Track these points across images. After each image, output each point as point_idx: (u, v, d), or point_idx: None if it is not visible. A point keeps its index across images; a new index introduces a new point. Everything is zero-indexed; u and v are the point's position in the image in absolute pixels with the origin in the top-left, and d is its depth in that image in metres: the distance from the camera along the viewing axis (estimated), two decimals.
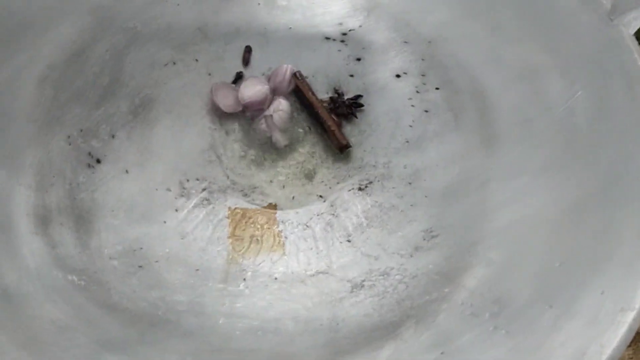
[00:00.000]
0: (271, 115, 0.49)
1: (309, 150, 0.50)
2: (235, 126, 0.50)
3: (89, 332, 0.38)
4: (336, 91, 0.52)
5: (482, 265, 0.42)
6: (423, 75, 0.52)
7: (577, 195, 0.42)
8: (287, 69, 0.50)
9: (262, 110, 0.49)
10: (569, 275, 0.38)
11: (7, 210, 0.42)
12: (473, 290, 0.41)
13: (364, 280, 0.43)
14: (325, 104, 0.51)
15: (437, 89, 0.51)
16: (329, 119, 0.49)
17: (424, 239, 0.45)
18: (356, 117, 0.51)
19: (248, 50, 0.53)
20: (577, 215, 0.41)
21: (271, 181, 0.48)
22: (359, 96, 0.52)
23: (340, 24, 0.55)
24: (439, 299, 0.41)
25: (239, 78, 0.52)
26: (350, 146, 0.49)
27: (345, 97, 0.52)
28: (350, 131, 0.50)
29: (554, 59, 0.48)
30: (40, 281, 0.39)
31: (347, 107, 0.51)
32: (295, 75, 0.51)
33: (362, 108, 0.51)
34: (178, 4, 0.54)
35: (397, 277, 0.43)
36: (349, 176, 0.49)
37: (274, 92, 0.50)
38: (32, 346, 0.36)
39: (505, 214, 0.44)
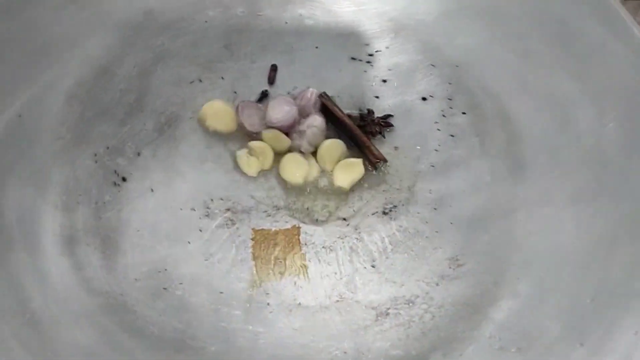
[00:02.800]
0: (305, 131, 0.48)
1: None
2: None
3: (116, 358, 0.37)
4: (367, 109, 0.52)
5: (510, 297, 0.42)
6: (450, 99, 0.52)
7: (608, 228, 0.42)
8: (312, 93, 0.50)
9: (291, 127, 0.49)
10: (600, 313, 0.38)
11: (34, 231, 0.41)
12: (501, 323, 0.40)
13: (389, 309, 0.43)
14: (355, 122, 0.51)
15: (463, 113, 0.51)
16: (362, 134, 0.49)
17: (450, 267, 0.44)
18: (384, 136, 0.51)
19: (274, 68, 0.52)
20: (607, 248, 0.41)
21: (295, 202, 0.48)
22: (389, 115, 0.51)
23: (367, 44, 0.55)
24: (466, 331, 0.41)
25: (264, 96, 0.52)
26: (386, 161, 0.49)
27: (375, 116, 0.51)
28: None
29: (585, 88, 0.47)
30: (67, 305, 0.39)
31: (377, 126, 0.51)
32: (322, 96, 0.50)
33: (392, 128, 0.51)
34: (205, 21, 0.54)
35: (423, 306, 0.43)
36: (373, 199, 0.48)
37: (300, 114, 0.50)
38: None
39: (533, 244, 0.44)
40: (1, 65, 0.44)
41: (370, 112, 0.52)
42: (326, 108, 0.50)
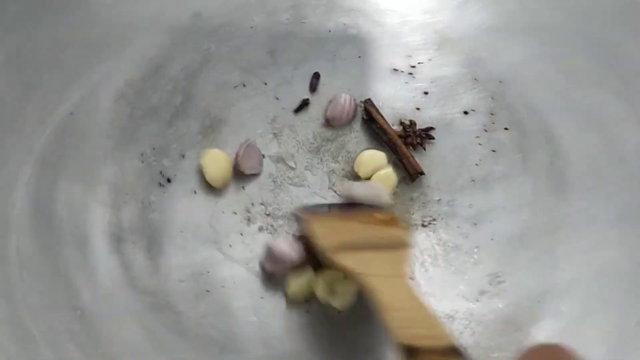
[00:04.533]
0: None
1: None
2: (301, 152, 0.50)
3: (161, 358, 0.38)
4: (409, 120, 0.52)
5: (553, 317, 0.42)
6: (492, 114, 0.52)
7: None
8: (346, 100, 0.50)
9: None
10: None
11: (83, 227, 0.42)
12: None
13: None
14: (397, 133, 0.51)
15: (505, 129, 0.51)
16: (403, 145, 0.49)
17: (490, 284, 0.44)
18: (425, 149, 0.51)
19: (316, 76, 0.53)
20: None
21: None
22: (431, 128, 0.51)
23: (410, 56, 0.55)
24: (507, 349, 0.40)
25: (304, 105, 0.52)
26: (423, 173, 0.49)
27: (417, 128, 0.51)
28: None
29: (630, 108, 0.47)
30: (115, 302, 0.39)
31: (418, 138, 0.51)
32: (367, 102, 0.50)
33: (433, 141, 0.51)
34: (251, 27, 0.54)
35: (463, 321, 0.43)
36: (413, 212, 0.48)
37: (331, 122, 0.50)
38: None
39: (576, 264, 0.43)
40: (53, 63, 0.45)
41: (413, 123, 0.52)
42: (370, 115, 0.50)
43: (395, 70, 0.54)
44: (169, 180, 0.46)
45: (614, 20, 0.50)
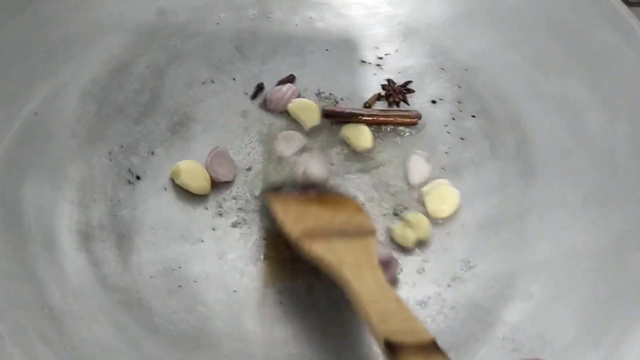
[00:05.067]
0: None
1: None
2: (271, 146, 0.50)
3: (133, 355, 0.38)
4: (387, 79, 0.54)
5: (523, 299, 0.42)
6: (459, 103, 0.52)
7: (621, 230, 0.42)
8: (289, 88, 0.51)
9: None
10: (614, 315, 0.38)
11: (51, 226, 0.42)
12: (514, 325, 0.41)
13: None
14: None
15: (473, 116, 0.52)
16: (381, 112, 0.51)
17: (462, 269, 0.45)
18: (408, 103, 0.52)
19: (260, 87, 0.52)
20: (621, 250, 0.42)
21: None
22: (409, 82, 0.53)
23: (377, 47, 0.55)
24: (479, 332, 0.41)
25: (259, 90, 0.51)
26: (420, 116, 0.51)
27: (396, 85, 0.53)
28: (384, 154, 0.50)
29: (595, 92, 0.48)
30: (85, 300, 0.39)
31: (399, 94, 0.52)
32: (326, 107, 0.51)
33: (414, 93, 0.53)
34: (217, 23, 0.54)
35: (435, 307, 0.43)
36: (384, 200, 0.49)
37: (267, 104, 0.51)
38: None
39: (546, 247, 0.44)
40: (18, 63, 0.44)
41: (391, 81, 0.52)
42: (331, 115, 0.51)
43: (363, 62, 0.54)
44: (138, 178, 0.46)
45: (579, 5, 0.51)
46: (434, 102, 0.52)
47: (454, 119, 0.52)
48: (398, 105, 0.52)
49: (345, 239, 0.39)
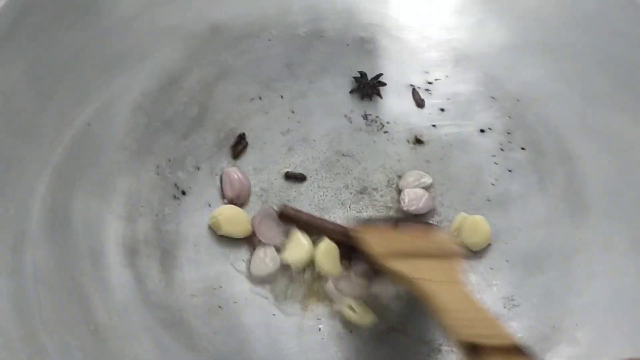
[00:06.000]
0: None
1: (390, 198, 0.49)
2: (315, 166, 0.50)
3: None
4: (359, 72, 0.53)
5: (569, 344, 0.41)
6: (509, 133, 0.52)
7: None
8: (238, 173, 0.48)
9: None
10: None
11: (98, 239, 0.42)
12: None
13: (441, 345, 0.42)
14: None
15: (522, 148, 0.51)
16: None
17: (505, 307, 0.44)
18: (380, 96, 0.52)
19: (242, 141, 0.51)
20: None
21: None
22: (380, 74, 0.53)
23: (427, 72, 0.55)
24: None
25: (241, 139, 0.50)
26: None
27: (369, 78, 0.52)
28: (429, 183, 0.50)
29: None
30: (128, 317, 0.39)
31: (371, 88, 0.52)
32: (283, 207, 0.47)
33: (385, 87, 0.52)
34: (269, 40, 0.54)
35: None
36: None
37: (234, 202, 0.47)
38: None
39: (594, 289, 0.43)
40: (72, 75, 0.45)
41: (363, 74, 0.52)
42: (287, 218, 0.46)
43: (412, 86, 0.54)
44: (183, 193, 0.46)
45: (634, 40, 0.50)
46: (482, 131, 0.52)
47: (502, 149, 0.51)
48: (370, 99, 0.52)
49: (429, 258, 0.40)
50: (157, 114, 0.48)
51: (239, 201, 0.46)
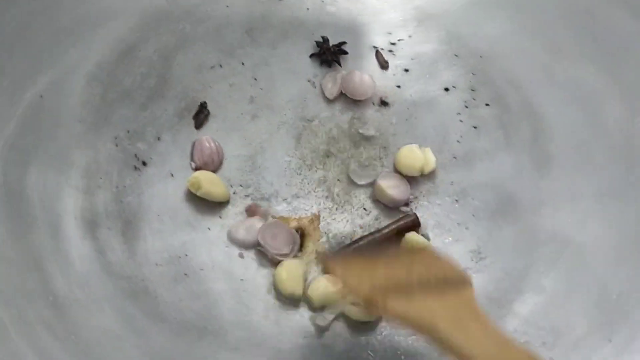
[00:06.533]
0: None
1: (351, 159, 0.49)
2: (281, 133, 0.49)
3: (139, 343, 0.37)
4: (322, 37, 0.52)
5: (535, 292, 0.41)
6: (473, 90, 0.51)
7: (636, 223, 0.41)
8: (210, 141, 0.47)
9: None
10: (627, 309, 0.37)
11: (56, 212, 0.41)
12: (526, 318, 0.40)
13: None
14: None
15: (487, 105, 0.50)
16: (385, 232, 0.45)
17: (472, 260, 0.44)
18: (340, 64, 0.51)
19: (203, 109, 0.50)
20: (635, 243, 0.41)
21: (315, 190, 0.47)
22: (343, 43, 0.52)
23: (390, 33, 0.54)
24: None
25: (203, 108, 0.49)
26: (419, 223, 0.45)
27: (330, 44, 0.51)
28: (396, 142, 0.49)
29: (614, 83, 0.47)
30: (89, 288, 0.39)
31: (332, 55, 0.52)
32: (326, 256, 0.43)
33: (347, 55, 0.51)
34: (227, 6, 0.53)
35: None
36: None
37: (202, 168, 0.46)
38: (84, 355, 0.35)
39: (559, 239, 0.43)
40: (24, 46, 0.44)
41: (326, 39, 0.52)
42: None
43: (375, 47, 0.53)
44: (144, 164, 0.46)
45: None
46: (446, 89, 0.51)
47: (467, 107, 0.50)
48: (330, 66, 0.52)
49: (434, 292, 0.32)
50: (114, 84, 0.47)
51: (209, 168, 0.46)
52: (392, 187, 0.46)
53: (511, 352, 0.28)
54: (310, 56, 0.51)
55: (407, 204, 0.46)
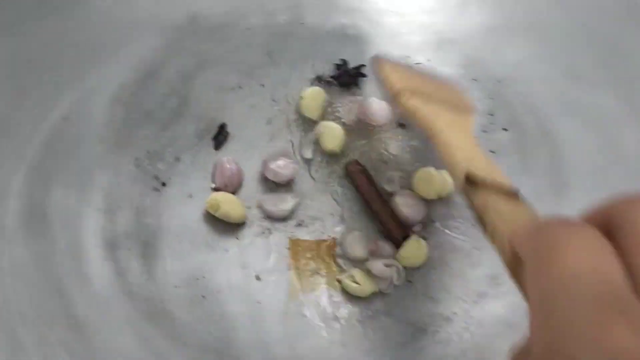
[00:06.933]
0: None
1: None
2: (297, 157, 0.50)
3: None
4: (341, 59, 0.53)
5: None
6: (491, 115, 0.51)
7: None
8: (231, 162, 0.48)
9: None
10: None
11: (77, 233, 0.42)
12: None
13: (426, 325, 0.42)
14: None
15: (504, 129, 0.51)
16: (384, 212, 0.47)
17: (489, 286, 0.44)
18: (359, 87, 0.52)
19: (223, 132, 0.50)
20: None
21: (332, 214, 0.48)
22: (362, 65, 0.52)
23: (408, 56, 0.54)
24: (506, 350, 0.40)
25: (222, 131, 0.50)
26: (409, 236, 0.46)
27: (350, 67, 0.52)
28: (413, 165, 0.49)
29: (631, 109, 0.47)
30: (109, 310, 0.39)
31: (351, 77, 0.52)
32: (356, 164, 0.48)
33: (366, 78, 0.51)
34: (248, 28, 0.53)
35: (461, 324, 0.42)
36: None
37: (222, 189, 0.47)
38: None
39: None
40: (47, 68, 0.44)
41: (345, 62, 0.52)
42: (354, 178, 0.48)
43: None
44: (164, 184, 0.46)
45: (616, 18, 0.50)
46: None
47: (484, 131, 0.51)
48: (349, 89, 0.52)
49: (445, 106, 0.41)
50: (136, 105, 0.47)
51: (229, 190, 0.46)
52: (407, 206, 0.46)
53: (482, 156, 0.35)
54: (331, 78, 0.51)
55: (424, 226, 0.46)
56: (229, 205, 0.44)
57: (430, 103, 0.40)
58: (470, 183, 0.32)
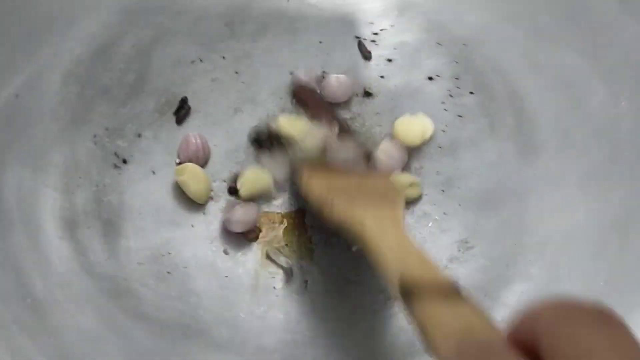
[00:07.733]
0: None
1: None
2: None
3: (120, 344, 0.37)
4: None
5: (523, 280, 0.41)
6: (457, 79, 0.51)
7: (622, 209, 0.41)
8: (197, 137, 0.46)
9: None
10: (614, 295, 0.37)
11: (34, 213, 0.40)
12: (514, 307, 0.40)
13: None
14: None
15: (471, 93, 0.50)
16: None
17: (459, 250, 0.44)
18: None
19: (184, 105, 0.49)
20: (622, 230, 0.40)
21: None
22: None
23: (372, 23, 0.54)
24: None
25: (183, 104, 0.48)
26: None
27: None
28: (381, 132, 0.49)
29: (596, 67, 0.46)
30: (69, 289, 0.38)
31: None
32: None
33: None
34: None
35: None
36: None
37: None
38: (64, 357, 0.34)
39: (545, 226, 0.43)
40: None
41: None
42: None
43: (357, 38, 0.52)
44: (124, 162, 0.45)
45: None
46: (430, 78, 0.51)
47: (451, 96, 0.50)
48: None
49: (372, 201, 0.39)
50: (91, 81, 0.46)
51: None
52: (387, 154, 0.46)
53: (417, 255, 0.33)
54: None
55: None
56: (193, 176, 0.43)
57: (355, 201, 0.38)
58: (406, 292, 0.30)
